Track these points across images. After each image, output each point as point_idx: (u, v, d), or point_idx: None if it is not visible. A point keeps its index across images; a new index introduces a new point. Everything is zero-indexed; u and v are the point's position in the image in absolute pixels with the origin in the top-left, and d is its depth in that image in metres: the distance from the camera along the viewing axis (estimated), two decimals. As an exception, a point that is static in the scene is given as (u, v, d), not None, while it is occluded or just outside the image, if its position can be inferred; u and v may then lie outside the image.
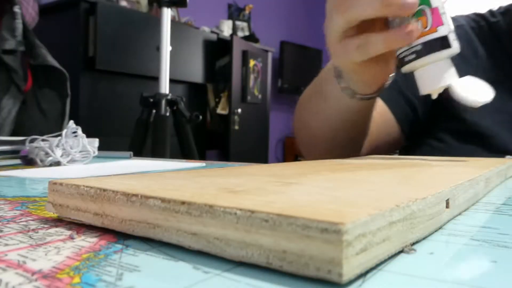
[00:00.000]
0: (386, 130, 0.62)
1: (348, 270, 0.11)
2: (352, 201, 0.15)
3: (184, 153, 1.55)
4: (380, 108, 0.61)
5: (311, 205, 0.14)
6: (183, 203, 0.15)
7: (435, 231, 0.18)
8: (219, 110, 2.84)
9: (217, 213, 0.14)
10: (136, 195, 0.16)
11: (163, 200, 0.15)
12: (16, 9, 1.04)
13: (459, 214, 0.22)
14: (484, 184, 0.28)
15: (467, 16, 0.72)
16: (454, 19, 0.71)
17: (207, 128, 2.82)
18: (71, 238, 0.16)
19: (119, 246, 0.15)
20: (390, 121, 0.63)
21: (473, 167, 0.32)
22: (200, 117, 1.60)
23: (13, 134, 1.00)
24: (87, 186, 0.18)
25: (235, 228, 0.13)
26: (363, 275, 0.13)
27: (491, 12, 0.71)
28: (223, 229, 0.13)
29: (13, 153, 0.54)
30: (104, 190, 0.17)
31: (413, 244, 0.16)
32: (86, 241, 0.16)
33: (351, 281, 0.12)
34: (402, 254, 0.15)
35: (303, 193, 0.17)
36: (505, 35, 0.66)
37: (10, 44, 1.02)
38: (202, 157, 2.44)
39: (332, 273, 0.11)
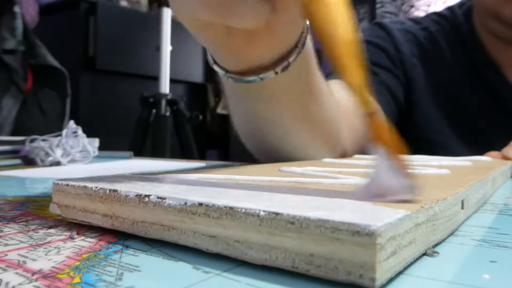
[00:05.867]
0: None
1: (381, 275, 0.11)
2: (374, 203, 0.14)
3: (184, 153, 1.55)
4: None
5: (336, 206, 0.13)
6: (200, 204, 0.14)
7: (453, 232, 0.18)
8: (219, 110, 2.84)
9: (238, 215, 0.13)
10: (149, 196, 0.15)
11: (179, 201, 0.15)
12: (16, 9, 1.04)
13: (471, 215, 0.22)
14: (491, 185, 0.28)
15: (427, 16, 0.70)
16: (418, 21, 0.68)
17: (207, 128, 2.82)
18: (71, 238, 0.16)
19: (119, 246, 0.15)
20: None
21: (479, 167, 0.31)
22: (200, 117, 1.60)
23: (13, 134, 1.00)
24: (95, 186, 0.17)
25: (257, 230, 0.13)
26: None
27: (451, 10, 0.68)
28: (245, 231, 0.13)
29: (13, 153, 0.54)
30: (114, 190, 0.17)
31: (434, 246, 0.16)
32: (86, 241, 0.16)
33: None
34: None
35: (321, 194, 0.16)
36: (469, 38, 0.65)
37: (10, 44, 1.02)
38: (202, 157, 2.44)
39: (364, 277, 0.11)
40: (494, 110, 0.62)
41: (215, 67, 0.32)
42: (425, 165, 0.31)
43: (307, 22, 0.31)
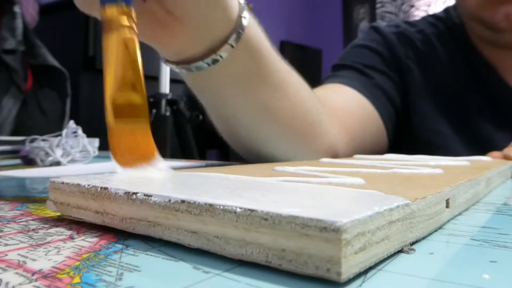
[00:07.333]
0: (372, 129, 0.59)
1: (347, 269, 0.11)
2: (351, 200, 0.15)
3: (184, 153, 1.55)
4: (363, 103, 0.58)
5: (311, 204, 0.14)
6: (183, 201, 0.15)
7: (435, 231, 0.18)
8: (219, 110, 2.84)
9: (216, 211, 0.14)
10: (136, 193, 0.16)
11: (163, 198, 0.15)
12: (16, 8, 1.04)
13: (459, 214, 0.22)
14: (485, 184, 0.28)
15: (423, 19, 0.70)
16: (414, 24, 0.69)
17: (207, 128, 2.82)
18: (71, 238, 0.16)
19: (119, 246, 0.15)
20: (375, 119, 0.59)
21: (475, 167, 0.32)
22: (200, 117, 1.60)
23: (13, 134, 1.00)
24: (88, 184, 0.18)
25: (234, 226, 0.13)
26: (363, 274, 0.13)
27: (447, 12, 0.69)
28: (223, 227, 0.14)
29: (13, 153, 0.54)
30: (105, 188, 0.17)
31: (413, 243, 0.16)
32: (86, 241, 0.16)
33: (351, 281, 0.12)
34: (402, 254, 0.15)
35: (303, 192, 0.17)
36: (463, 40, 0.65)
37: (10, 44, 1.02)
38: (202, 157, 2.44)
39: (331, 271, 0.11)
40: (492, 110, 0.62)
41: (165, 62, 0.35)
42: (422, 164, 0.31)
43: (245, 23, 0.33)
